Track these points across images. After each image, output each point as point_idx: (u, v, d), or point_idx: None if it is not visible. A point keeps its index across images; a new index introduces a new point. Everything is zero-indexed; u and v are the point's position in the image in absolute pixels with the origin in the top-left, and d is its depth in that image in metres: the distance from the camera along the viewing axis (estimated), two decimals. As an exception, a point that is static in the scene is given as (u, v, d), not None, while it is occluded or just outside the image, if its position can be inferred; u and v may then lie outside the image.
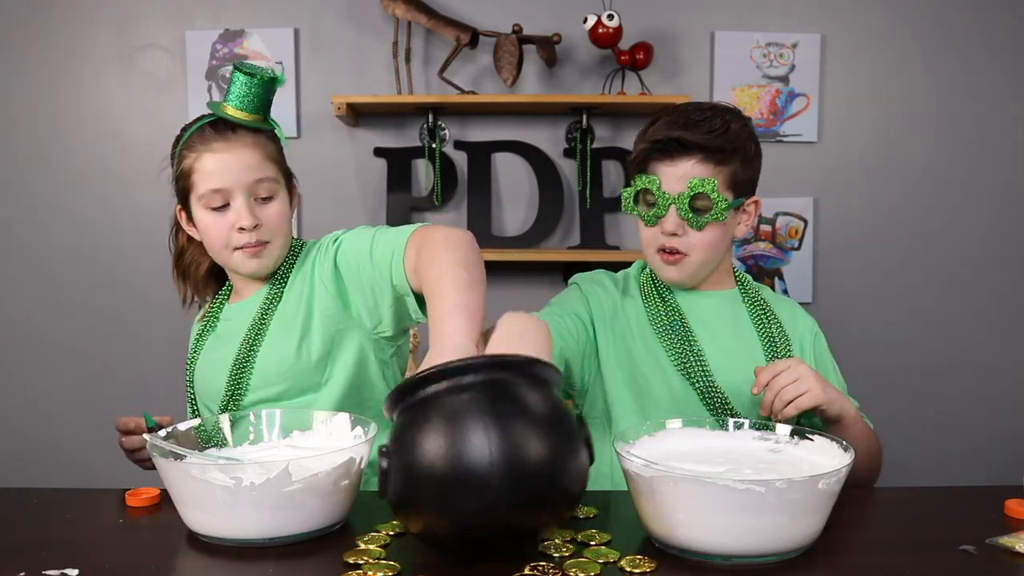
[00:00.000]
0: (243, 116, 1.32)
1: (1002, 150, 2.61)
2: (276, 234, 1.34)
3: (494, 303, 2.23)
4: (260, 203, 1.33)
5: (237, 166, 1.30)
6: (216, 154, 1.30)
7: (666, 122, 1.32)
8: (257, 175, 1.31)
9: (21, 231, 2.60)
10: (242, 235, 1.31)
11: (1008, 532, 0.98)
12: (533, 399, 0.88)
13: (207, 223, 1.33)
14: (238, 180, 1.30)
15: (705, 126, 1.30)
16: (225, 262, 1.38)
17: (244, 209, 1.30)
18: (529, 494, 0.84)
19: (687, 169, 1.30)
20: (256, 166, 1.31)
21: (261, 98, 1.33)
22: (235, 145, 1.31)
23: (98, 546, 1.00)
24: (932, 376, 2.65)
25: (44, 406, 2.63)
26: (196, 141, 1.33)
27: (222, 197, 1.31)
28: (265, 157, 1.33)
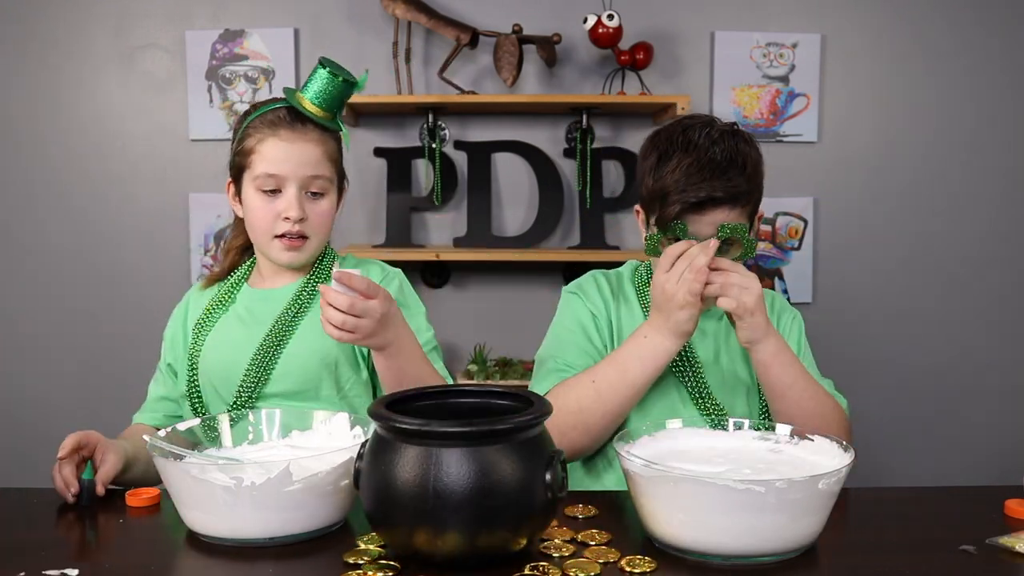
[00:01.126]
0: (316, 111, 1.33)
1: (1002, 150, 2.61)
2: (318, 231, 1.36)
3: (494, 303, 2.27)
4: (310, 198, 1.35)
5: (297, 158, 1.32)
6: (280, 141, 1.32)
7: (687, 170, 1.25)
8: (314, 171, 1.33)
9: (21, 231, 2.60)
10: (286, 224, 1.33)
11: (1008, 532, 0.98)
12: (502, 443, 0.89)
13: (255, 204, 1.34)
14: (295, 171, 1.32)
15: (732, 172, 1.25)
16: (262, 247, 1.38)
17: (294, 200, 1.32)
18: (495, 518, 0.86)
19: (718, 217, 1.27)
20: (315, 162, 1.34)
21: (337, 98, 1.34)
22: (300, 138, 1.33)
23: (98, 546, 1.00)
24: (932, 376, 2.65)
25: (44, 406, 2.63)
26: (264, 123, 1.34)
27: (275, 183, 1.33)
28: (325, 155, 1.35)
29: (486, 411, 1.00)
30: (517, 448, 0.88)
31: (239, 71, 2.55)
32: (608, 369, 1.26)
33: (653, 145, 1.33)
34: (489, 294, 2.61)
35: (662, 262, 1.23)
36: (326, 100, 1.33)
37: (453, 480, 0.85)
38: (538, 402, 0.94)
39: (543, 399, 0.95)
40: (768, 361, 1.24)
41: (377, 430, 0.93)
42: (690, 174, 1.25)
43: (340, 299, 1.13)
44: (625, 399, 1.25)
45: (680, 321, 1.21)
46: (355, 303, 1.13)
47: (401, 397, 1.00)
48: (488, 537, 0.87)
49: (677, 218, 1.27)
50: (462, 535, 0.86)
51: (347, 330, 1.15)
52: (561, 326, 1.41)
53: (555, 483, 0.89)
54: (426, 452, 0.87)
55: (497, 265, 2.59)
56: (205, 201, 2.57)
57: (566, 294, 1.46)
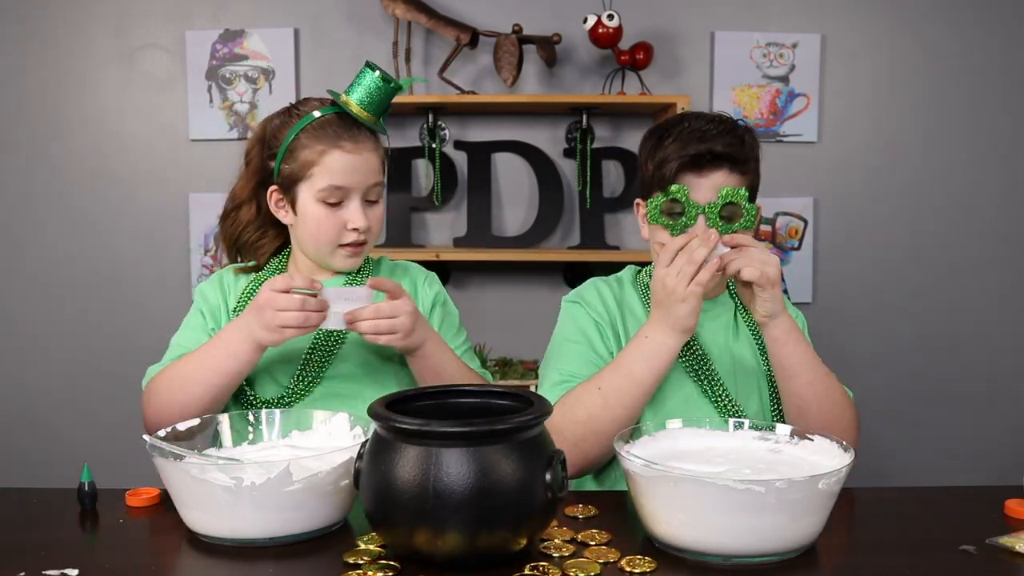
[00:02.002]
0: (365, 116, 1.33)
1: (1002, 150, 2.61)
2: (374, 235, 1.39)
3: (494, 303, 2.27)
4: (368, 205, 1.36)
5: (362, 168, 1.33)
6: (345, 154, 1.31)
7: (686, 136, 1.30)
8: (374, 179, 1.35)
9: (21, 231, 2.60)
10: (352, 235, 1.34)
11: (1008, 532, 0.98)
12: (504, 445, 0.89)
13: (318, 216, 1.33)
14: (360, 182, 1.33)
15: (728, 137, 1.30)
16: (324, 256, 1.37)
17: (359, 211, 1.33)
18: (495, 518, 0.87)
19: (718, 179, 1.28)
20: (376, 170, 1.35)
21: (384, 102, 1.34)
22: (363, 147, 1.33)
23: (98, 546, 1.00)
24: (932, 375, 2.65)
25: (44, 406, 2.63)
26: (323, 133, 1.32)
27: (341, 195, 1.33)
28: (380, 162, 1.37)
29: (486, 411, 1.00)
30: (517, 448, 0.88)
31: (239, 71, 2.55)
32: (613, 374, 1.25)
33: (651, 133, 1.36)
34: (489, 294, 2.61)
35: (662, 257, 1.23)
36: (373, 104, 1.33)
37: (453, 480, 0.85)
38: (538, 402, 0.94)
39: (543, 399, 0.95)
40: (783, 338, 1.24)
41: (377, 430, 0.93)
42: (690, 139, 1.29)
43: (363, 312, 1.19)
44: (633, 402, 1.24)
45: (681, 316, 1.21)
46: (380, 307, 1.19)
47: (401, 397, 1.00)
48: (488, 537, 0.87)
49: (677, 178, 1.28)
50: (462, 535, 0.86)
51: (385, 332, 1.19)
52: (563, 336, 1.40)
53: (555, 483, 0.89)
54: (426, 452, 0.87)
55: (497, 265, 2.59)
56: (205, 201, 2.57)
57: (566, 304, 1.44)
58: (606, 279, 1.46)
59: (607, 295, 1.42)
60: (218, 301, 1.43)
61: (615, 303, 1.40)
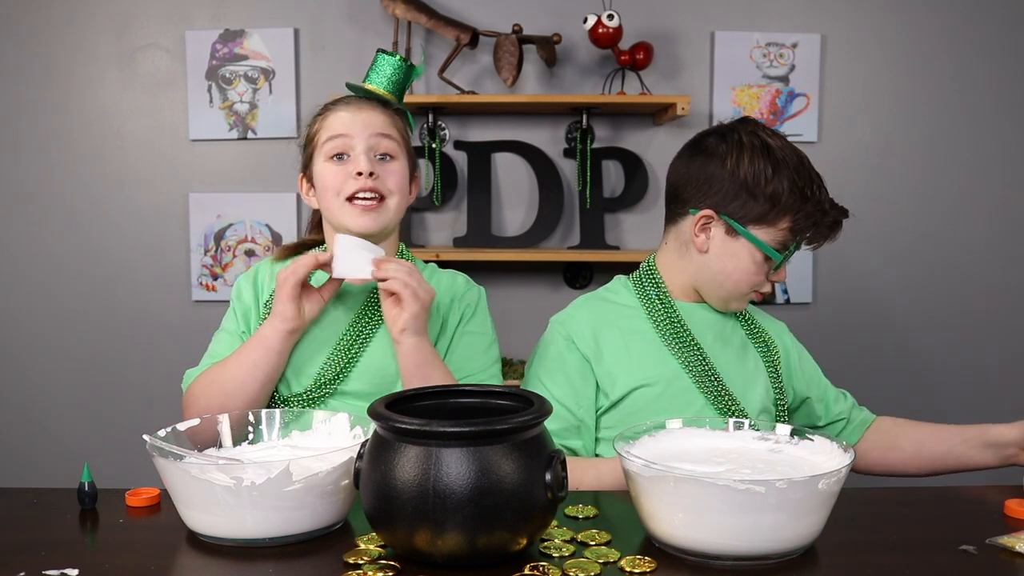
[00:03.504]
0: (378, 90, 1.37)
1: (1002, 150, 2.61)
2: (393, 191, 1.34)
3: (494, 303, 2.24)
4: (380, 160, 1.34)
5: (360, 120, 1.33)
6: (345, 111, 1.34)
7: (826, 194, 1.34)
8: (379, 130, 1.34)
9: (21, 231, 2.60)
10: (358, 180, 1.31)
11: (1008, 532, 0.98)
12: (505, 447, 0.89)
13: (326, 172, 1.34)
14: (360, 132, 1.32)
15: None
16: (337, 216, 1.33)
17: (363, 157, 1.32)
18: (495, 518, 0.86)
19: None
20: (379, 124, 1.34)
21: (397, 79, 1.37)
22: (362, 106, 1.35)
23: (98, 546, 1.00)
24: (932, 376, 2.65)
25: (44, 406, 2.63)
26: (326, 110, 1.37)
27: (343, 145, 1.33)
28: (390, 121, 1.36)
29: (486, 411, 1.00)
30: (517, 448, 0.88)
31: (239, 71, 2.55)
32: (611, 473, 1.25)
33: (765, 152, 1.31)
34: (489, 294, 2.60)
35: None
36: (386, 79, 1.37)
37: (453, 480, 0.85)
38: (538, 402, 0.94)
39: (543, 399, 0.95)
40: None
41: (377, 430, 0.93)
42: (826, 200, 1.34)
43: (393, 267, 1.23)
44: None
45: None
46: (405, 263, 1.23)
47: (401, 397, 1.00)
48: (488, 537, 0.87)
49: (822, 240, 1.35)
50: (462, 535, 0.86)
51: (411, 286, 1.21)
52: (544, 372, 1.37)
53: (555, 483, 0.89)
54: (426, 452, 0.87)
55: (497, 265, 2.59)
56: (205, 201, 2.57)
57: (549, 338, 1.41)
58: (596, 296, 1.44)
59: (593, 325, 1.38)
60: (250, 301, 1.41)
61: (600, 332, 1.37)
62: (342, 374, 1.32)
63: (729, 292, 1.35)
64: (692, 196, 1.35)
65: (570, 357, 1.36)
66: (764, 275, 1.33)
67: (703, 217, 1.34)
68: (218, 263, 2.58)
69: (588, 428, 1.34)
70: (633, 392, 1.33)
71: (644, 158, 2.58)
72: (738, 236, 1.31)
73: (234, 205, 2.57)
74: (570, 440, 1.33)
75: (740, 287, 1.34)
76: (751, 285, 1.33)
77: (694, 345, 1.34)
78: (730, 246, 1.33)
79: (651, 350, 1.35)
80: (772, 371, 1.38)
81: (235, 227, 2.58)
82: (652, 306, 1.37)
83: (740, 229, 1.31)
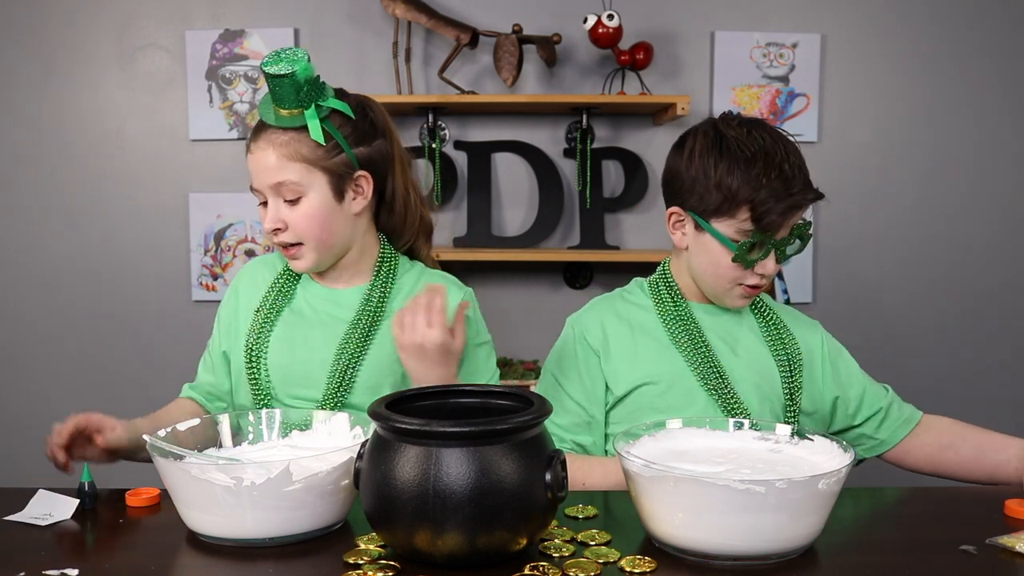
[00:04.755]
0: (279, 112, 1.30)
1: (1002, 149, 2.61)
2: (304, 236, 1.32)
3: (494, 303, 2.27)
4: (288, 205, 1.32)
5: (259, 168, 1.31)
6: (250, 154, 1.33)
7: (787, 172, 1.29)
8: (277, 178, 1.29)
9: (21, 231, 2.60)
10: (271, 235, 1.34)
11: (1008, 532, 0.98)
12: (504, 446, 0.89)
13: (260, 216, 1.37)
14: (262, 182, 1.31)
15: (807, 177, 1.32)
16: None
17: (269, 211, 1.32)
18: (495, 519, 0.86)
19: (799, 217, 1.33)
20: (276, 168, 1.29)
21: (288, 94, 1.28)
22: (259, 146, 1.31)
23: (98, 546, 1.00)
24: (931, 375, 2.65)
25: (44, 406, 2.63)
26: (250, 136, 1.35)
27: (259, 196, 1.34)
28: (286, 157, 1.29)
29: (486, 411, 1.00)
30: (517, 448, 0.88)
31: (239, 71, 2.55)
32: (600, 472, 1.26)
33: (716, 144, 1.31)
34: (489, 294, 2.61)
35: None
36: (279, 99, 1.29)
37: (453, 480, 0.85)
38: (538, 402, 0.94)
39: (543, 399, 0.95)
40: None
41: (377, 430, 0.93)
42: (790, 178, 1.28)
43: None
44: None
45: None
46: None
47: (401, 397, 1.00)
48: (488, 537, 0.87)
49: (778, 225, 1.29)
50: (462, 535, 0.86)
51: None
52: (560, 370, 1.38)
53: (555, 483, 0.89)
54: (426, 452, 0.87)
55: (497, 265, 2.59)
56: (205, 201, 2.57)
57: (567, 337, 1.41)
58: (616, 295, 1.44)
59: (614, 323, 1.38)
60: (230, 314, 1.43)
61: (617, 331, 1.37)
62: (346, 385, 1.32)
63: (713, 288, 1.35)
64: (666, 194, 1.38)
65: (581, 353, 1.37)
66: (741, 268, 1.31)
67: (672, 214, 1.36)
68: (218, 263, 2.59)
69: (598, 424, 1.35)
70: (637, 389, 1.33)
71: (644, 158, 2.58)
72: (704, 231, 1.32)
73: (234, 205, 2.57)
74: (580, 436, 1.34)
75: (719, 282, 1.33)
76: (730, 279, 1.32)
77: (702, 344, 1.33)
78: (701, 241, 1.33)
79: (658, 348, 1.35)
80: (786, 373, 1.36)
81: (235, 227, 2.58)
82: (664, 307, 1.37)
83: (703, 223, 1.31)
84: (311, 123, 1.29)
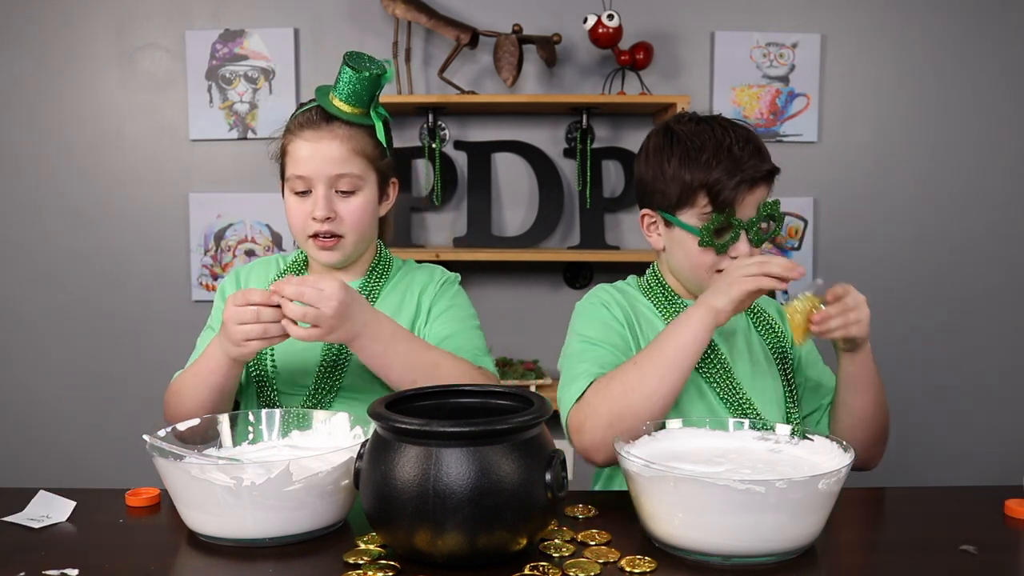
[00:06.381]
0: (342, 108, 1.34)
1: (1002, 149, 2.61)
2: (351, 230, 1.35)
3: (494, 303, 2.26)
4: (341, 196, 1.34)
5: (320, 157, 1.32)
6: (305, 142, 1.33)
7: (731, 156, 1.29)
8: (339, 169, 1.33)
9: (21, 231, 2.60)
10: (315, 224, 1.34)
11: (1008, 532, 0.98)
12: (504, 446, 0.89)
13: (290, 206, 1.37)
14: (320, 171, 1.32)
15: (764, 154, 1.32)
16: (301, 246, 1.41)
17: (322, 199, 1.33)
18: (495, 518, 0.86)
19: (760, 195, 1.31)
20: (340, 160, 1.33)
21: (363, 93, 1.33)
22: (324, 136, 1.33)
23: (98, 546, 1.00)
24: (932, 375, 2.65)
25: (44, 406, 2.63)
26: (295, 124, 1.36)
27: (304, 184, 1.34)
28: (353, 152, 1.34)
29: (486, 411, 1.00)
30: (517, 448, 0.88)
31: (239, 71, 2.55)
32: (645, 350, 1.24)
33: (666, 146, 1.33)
34: (489, 294, 2.61)
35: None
36: (352, 96, 1.33)
37: (453, 480, 0.85)
38: (538, 402, 0.94)
39: (543, 399, 0.95)
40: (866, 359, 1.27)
41: (377, 430, 0.93)
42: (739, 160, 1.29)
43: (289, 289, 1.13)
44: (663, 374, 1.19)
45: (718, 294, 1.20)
46: (303, 291, 1.13)
47: (401, 397, 1.00)
48: (488, 537, 0.87)
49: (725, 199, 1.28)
50: (462, 535, 0.86)
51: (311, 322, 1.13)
52: (584, 329, 1.37)
53: (555, 483, 0.89)
54: (426, 452, 0.87)
55: (497, 265, 2.59)
56: (205, 201, 2.57)
57: (584, 305, 1.42)
58: (613, 285, 1.46)
59: (621, 301, 1.40)
60: None
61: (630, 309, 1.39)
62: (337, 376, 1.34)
63: (694, 281, 1.35)
64: (638, 200, 1.41)
65: (605, 312, 1.38)
66: (713, 254, 1.31)
67: (644, 217, 1.39)
68: (218, 263, 2.58)
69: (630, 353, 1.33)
70: None
71: (644, 158, 2.58)
72: (673, 225, 1.33)
73: (234, 205, 2.57)
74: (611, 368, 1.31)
75: (697, 272, 1.33)
76: (706, 268, 1.32)
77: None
78: (672, 238, 1.34)
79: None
80: (780, 362, 1.37)
81: (235, 227, 2.58)
82: (660, 302, 1.38)
83: (670, 218, 1.32)
84: (377, 124, 1.36)
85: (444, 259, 2.44)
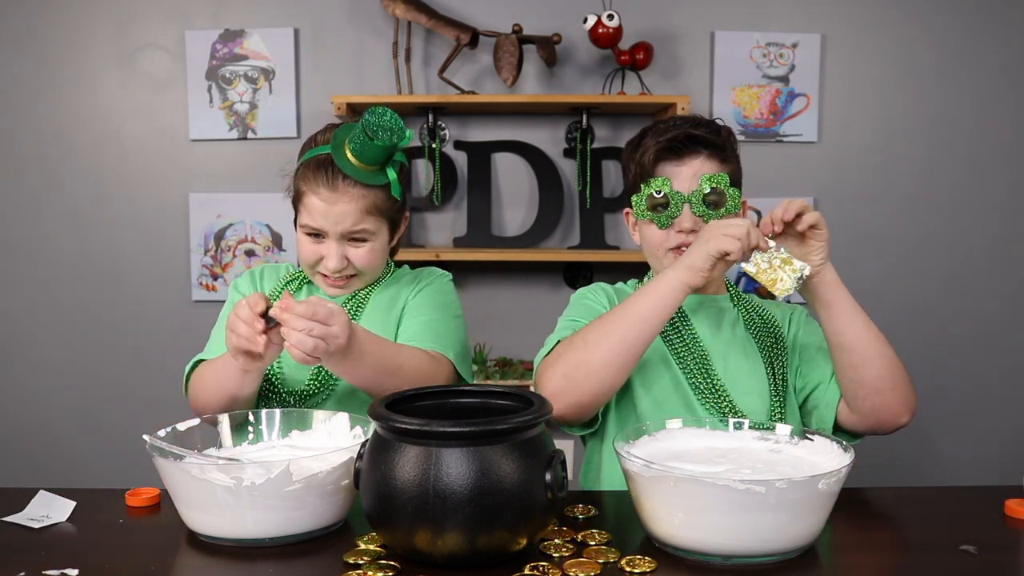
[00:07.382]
0: (357, 167, 1.32)
1: (1001, 150, 2.61)
2: (363, 270, 1.39)
3: (494, 303, 2.26)
4: (352, 243, 1.36)
5: (335, 215, 1.32)
6: (319, 200, 1.33)
7: (661, 128, 1.36)
8: (351, 226, 1.34)
9: (21, 231, 2.60)
10: (327, 270, 1.37)
11: (1008, 532, 0.98)
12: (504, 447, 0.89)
13: (302, 242, 1.38)
14: (333, 228, 1.34)
15: (703, 127, 1.35)
16: (310, 277, 1.43)
17: (334, 253, 1.35)
18: (495, 518, 0.87)
19: (697, 166, 1.33)
20: (354, 218, 1.33)
21: (380, 156, 1.31)
22: (340, 196, 1.32)
23: (98, 546, 1.00)
24: (932, 375, 2.64)
25: (44, 406, 2.63)
26: (311, 172, 1.34)
27: (320, 232, 1.35)
28: (365, 210, 1.33)
29: (486, 411, 1.00)
30: (517, 448, 0.88)
31: (239, 71, 2.55)
32: (615, 308, 1.26)
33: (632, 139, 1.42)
34: (489, 294, 2.61)
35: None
36: (366, 157, 1.31)
37: (453, 480, 0.85)
38: (538, 402, 0.94)
39: (543, 399, 0.95)
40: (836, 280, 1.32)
41: (377, 430, 0.93)
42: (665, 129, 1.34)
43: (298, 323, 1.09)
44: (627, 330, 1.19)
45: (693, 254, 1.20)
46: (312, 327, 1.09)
47: (401, 397, 1.00)
48: (488, 537, 0.87)
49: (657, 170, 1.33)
50: (462, 535, 0.86)
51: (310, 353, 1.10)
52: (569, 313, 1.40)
53: (555, 483, 0.89)
54: (426, 452, 0.87)
55: (497, 265, 2.59)
56: (205, 201, 2.57)
57: (573, 297, 1.45)
58: (612, 286, 1.47)
59: (611, 295, 1.43)
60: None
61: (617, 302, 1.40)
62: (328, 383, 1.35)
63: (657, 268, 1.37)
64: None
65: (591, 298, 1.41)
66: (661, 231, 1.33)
67: (627, 216, 1.43)
68: (218, 263, 2.59)
69: None
70: None
71: (644, 158, 2.58)
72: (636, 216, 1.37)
73: (234, 205, 2.57)
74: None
75: (655, 253, 1.36)
76: (661, 248, 1.34)
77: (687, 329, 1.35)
78: (638, 228, 1.39)
79: None
80: (768, 363, 1.36)
81: (235, 227, 2.58)
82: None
83: (633, 207, 1.36)
84: (392, 182, 1.36)
85: (444, 259, 2.45)
